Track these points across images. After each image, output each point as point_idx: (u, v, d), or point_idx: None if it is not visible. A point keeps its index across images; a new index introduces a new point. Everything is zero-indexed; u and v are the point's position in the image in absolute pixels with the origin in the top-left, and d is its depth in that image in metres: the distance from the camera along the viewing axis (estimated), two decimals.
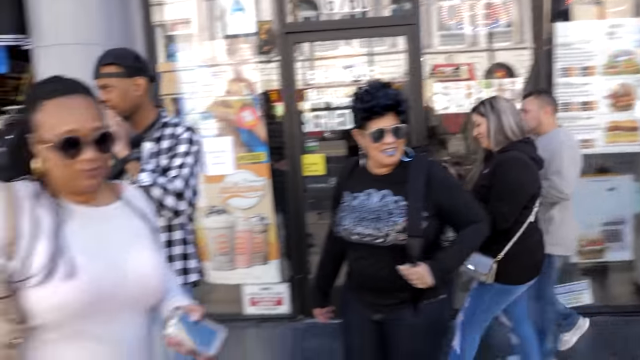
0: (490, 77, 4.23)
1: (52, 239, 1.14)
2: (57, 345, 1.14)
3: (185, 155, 2.07)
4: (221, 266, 4.08)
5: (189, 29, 4.13)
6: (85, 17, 3.48)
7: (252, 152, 4.00)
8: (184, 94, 4.08)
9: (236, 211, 4.04)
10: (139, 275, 1.24)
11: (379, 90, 1.84)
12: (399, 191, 1.89)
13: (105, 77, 2.05)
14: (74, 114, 1.16)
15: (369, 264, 1.93)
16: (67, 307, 1.11)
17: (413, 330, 1.94)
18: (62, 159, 1.15)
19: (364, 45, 4.17)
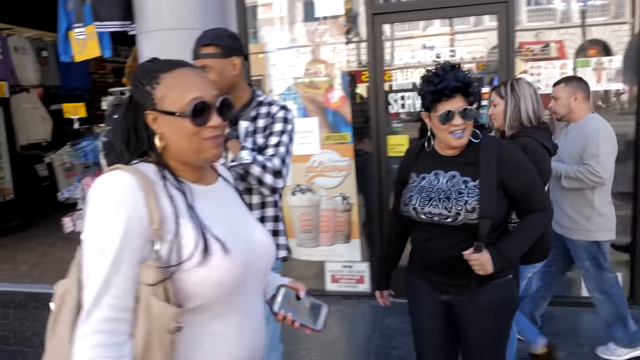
0: (583, 55, 3.98)
1: (192, 218, 1.13)
2: (203, 323, 1.14)
3: (281, 134, 2.09)
4: (304, 243, 4.23)
5: (277, 11, 4.23)
6: (185, 3, 3.67)
7: (338, 132, 4.08)
8: (271, 75, 4.20)
9: (320, 190, 4.15)
10: (264, 247, 1.28)
11: (448, 73, 1.82)
12: (467, 172, 1.89)
13: (204, 58, 2.05)
14: (196, 82, 1.16)
15: (437, 244, 1.92)
16: (225, 284, 1.12)
17: (482, 311, 1.94)
18: (192, 127, 1.13)
19: (450, 24, 4.07)
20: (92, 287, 1.02)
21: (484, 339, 1.98)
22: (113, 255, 1.02)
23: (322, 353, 3.40)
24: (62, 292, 1.13)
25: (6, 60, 7.60)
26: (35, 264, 5.81)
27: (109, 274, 1.01)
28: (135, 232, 1.04)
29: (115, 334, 1.01)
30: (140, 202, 1.06)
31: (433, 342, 2.08)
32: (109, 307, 1.01)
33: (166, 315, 1.03)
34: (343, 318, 3.92)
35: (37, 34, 8.32)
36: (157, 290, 1.03)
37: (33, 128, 8.11)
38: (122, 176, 1.08)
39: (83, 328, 1.01)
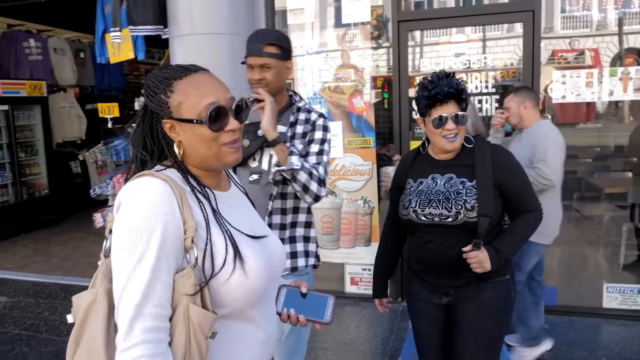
0: (619, 63, 3.94)
1: (220, 224, 1.13)
2: (234, 328, 1.15)
3: (322, 143, 2.08)
4: (325, 245, 4.29)
5: (306, 17, 4.32)
6: (216, 9, 3.79)
7: (361, 137, 4.14)
8: (298, 79, 4.29)
9: (342, 193, 4.22)
10: (280, 252, 1.30)
11: (441, 80, 1.92)
12: (463, 174, 1.97)
13: (267, 57, 2.02)
14: (211, 86, 1.14)
15: (438, 245, 1.97)
16: (257, 290, 1.13)
17: (480, 310, 1.98)
18: (210, 133, 1.12)
19: (478, 31, 4.09)
20: (132, 297, 1.00)
21: (478, 339, 2.01)
22: (152, 264, 1.00)
23: (339, 353, 3.45)
24: (87, 304, 1.08)
25: (46, 60, 7.90)
26: (67, 257, 6.03)
27: (149, 282, 1.00)
28: (171, 240, 1.03)
29: (160, 343, 1.01)
30: (176, 209, 1.05)
31: (435, 347, 2.13)
32: (151, 317, 1.00)
33: (204, 322, 1.03)
34: (361, 320, 3.97)
35: (75, 36, 8.62)
36: (195, 298, 1.04)
37: (69, 126, 8.40)
38: (154, 183, 1.06)
39: (128, 340, 0.99)
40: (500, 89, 3.92)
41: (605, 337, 3.57)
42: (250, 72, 2.05)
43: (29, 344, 3.73)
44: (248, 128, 2.07)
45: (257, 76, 2.02)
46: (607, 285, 3.88)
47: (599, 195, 5.51)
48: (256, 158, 2.10)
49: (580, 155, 6.55)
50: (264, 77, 2.02)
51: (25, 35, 7.68)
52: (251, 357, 1.19)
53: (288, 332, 2.07)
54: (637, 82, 3.67)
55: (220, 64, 3.72)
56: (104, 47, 4.73)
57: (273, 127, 1.97)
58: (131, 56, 4.47)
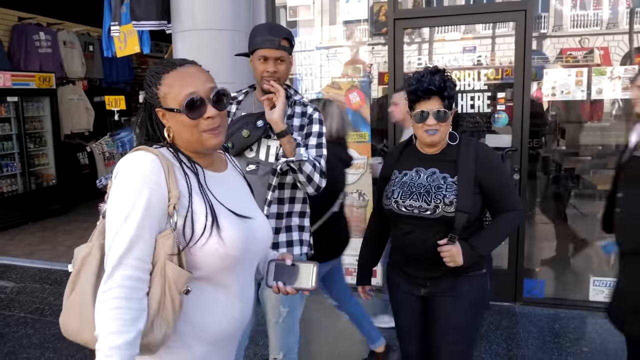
0: (629, 62, 3.99)
1: (204, 196, 1.26)
2: (208, 290, 1.27)
3: (320, 136, 2.15)
4: None
5: (305, 14, 4.42)
6: (217, 5, 3.91)
7: (357, 131, 4.25)
8: (295, 75, 4.40)
9: None
10: (263, 229, 1.41)
11: (426, 76, 1.98)
12: (446, 169, 2.03)
13: (283, 50, 2.06)
14: (192, 77, 1.28)
15: (416, 236, 2.02)
16: (231, 256, 1.25)
17: (457, 303, 2.04)
18: (189, 121, 1.26)
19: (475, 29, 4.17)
20: (116, 249, 1.14)
21: (456, 330, 2.06)
22: (137, 222, 1.15)
23: (330, 339, 3.58)
24: (84, 255, 1.24)
25: (55, 53, 8.06)
26: (73, 245, 6.09)
27: (132, 238, 1.14)
28: (156, 205, 1.18)
29: (135, 290, 1.14)
30: (162, 179, 1.20)
31: (415, 338, 2.20)
32: (131, 267, 1.14)
33: (179, 279, 1.18)
34: None
35: (84, 29, 8.77)
36: (173, 257, 1.18)
37: (77, 118, 8.56)
38: (146, 155, 1.22)
39: (107, 283, 1.13)
40: (493, 87, 4.02)
41: (590, 329, 3.67)
42: (263, 64, 2.07)
43: (34, 326, 3.89)
44: (248, 119, 2.14)
45: (272, 68, 2.06)
46: (593, 278, 3.98)
47: (595, 193, 5.59)
48: (253, 149, 2.15)
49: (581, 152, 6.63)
50: (278, 70, 2.07)
51: (35, 28, 7.84)
52: (223, 319, 1.31)
53: (284, 315, 2.18)
54: (624, 82, 3.75)
55: (221, 59, 3.85)
56: (110, 41, 4.86)
57: (282, 119, 2.01)
58: (137, 50, 4.61)
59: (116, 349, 1.09)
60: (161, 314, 1.18)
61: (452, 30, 4.17)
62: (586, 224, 5.51)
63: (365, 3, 4.19)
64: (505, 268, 4.06)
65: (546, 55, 4.47)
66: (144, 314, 1.15)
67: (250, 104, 2.23)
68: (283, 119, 2.02)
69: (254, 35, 2.12)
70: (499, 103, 3.97)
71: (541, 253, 4.55)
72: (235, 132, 2.12)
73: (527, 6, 3.73)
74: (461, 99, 4.01)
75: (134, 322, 1.12)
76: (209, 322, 1.29)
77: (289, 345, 2.26)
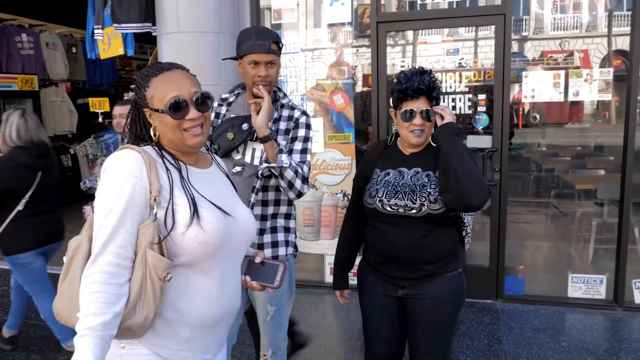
0: (608, 64, 4.09)
1: (185, 189, 1.36)
2: (189, 276, 1.36)
3: (306, 141, 2.15)
4: (306, 236, 4.46)
5: (289, 16, 4.47)
6: (201, 8, 3.94)
7: (341, 132, 4.31)
8: (282, 77, 4.45)
9: (323, 187, 4.39)
10: (245, 221, 1.50)
11: (415, 75, 1.99)
12: (428, 167, 2.05)
13: (273, 54, 2.08)
14: (177, 82, 1.38)
15: (399, 236, 2.02)
16: (209, 244, 1.33)
17: (436, 303, 2.05)
18: (172, 121, 1.36)
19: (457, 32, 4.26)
20: (99, 238, 1.24)
21: (436, 330, 2.10)
22: (119, 214, 1.25)
23: (315, 337, 3.62)
24: (75, 246, 1.35)
25: (38, 55, 7.99)
26: None
27: (114, 228, 1.24)
28: (137, 198, 1.28)
29: (116, 276, 1.23)
30: (144, 174, 1.30)
31: (383, 340, 2.20)
32: (113, 254, 1.23)
33: (159, 265, 1.26)
34: (339, 308, 4.13)
35: (67, 31, 8.70)
36: (153, 245, 1.27)
37: (60, 120, 8.49)
38: (130, 153, 1.32)
39: (90, 269, 1.23)
40: (474, 89, 4.11)
41: (568, 324, 3.76)
42: (255, 68, 2.07)
43: (18, 329, 3.87)
44: (233, 121, 2.17)
45: (263, 72, 2.06)
46: (572, 275, 4.08)
47: (574, 193, 5.73)
48: (239, 151, 2.16)
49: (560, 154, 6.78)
50: (269, 74, 2.08)
51: (17, 29, 7.77)
52: (206, 305, 1.39)
53: (272, 313, 2.23)
54: (601, 84, 3.86)
55: (205, 62, 3.88)
56: (94, 43, 4.86)
57: (266, 125, 2.02)
58: (121, 52, 4.61)
59: (91, 329, 1.17)
60: (143, 299, 1.26)
61: (434, 32, 4.25)
62: (565, 222, 5.65)
63: (349, 6, 4.25)
64: (486, 266, 4.14)
65: (527, 58, 4.59)
66: (122, 299, 1.23)
67: (239, 106, 2.25)
68: (267, 125, 2.03)
69: (243, 39, 2.12)
70: (479, 104, 4.05)
71: (521, 251, 4.65)
72: (221, 134, 2.15)
73: (506, 10, 3.83)
74: (443, 100, 4.09)
75: (110, 306, 1.20)
76: (193, 309, 1.37)
77: (278, 342, 2.30)
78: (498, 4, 3.89)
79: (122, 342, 1.35)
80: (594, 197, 5.09)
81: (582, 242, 4.97)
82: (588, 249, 4.72)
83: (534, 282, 4.33)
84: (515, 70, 4.04)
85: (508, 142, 4.06)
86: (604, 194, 4.75)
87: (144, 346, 1.35)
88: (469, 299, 4.10)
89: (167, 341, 1.36)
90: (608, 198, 4.72)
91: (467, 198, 1.88)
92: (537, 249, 4.92)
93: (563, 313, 3.93)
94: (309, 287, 4.51)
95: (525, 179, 6.34)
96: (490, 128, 4.04)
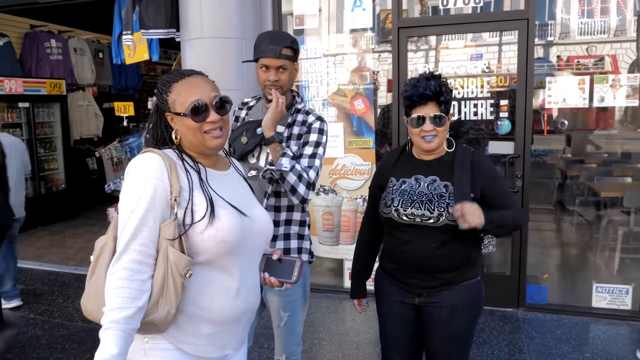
0: (637, 69, 4.01)
1: (204, 190, 1.42)
2: (209, 274, 1.42)
3: (317, 146, 2.12)
4: (325, 241, 4.46)
5: (311, 22, 4.49)
6: (224, 14, 3.99)
7: (361, 137, 4.31)
8: (301, 82, 4.47)
9: (343, 192, 4.39)
10: (262, 221, 1.56)
11: (422, 81, 1.95)
12: (446, 177, 2.00)
13: (285, 59, 2.07)
14: (198, 87, 1.45)
15: (416, 245, 1.99)
16: (227, 242, 1.39)
17: (454, 312, 2.02)
18: (193, 124, 1.42)
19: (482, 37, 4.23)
20: (123, 237, 1.31)
21: (453, 339, 2.07)
22: (141, 214, 1.31)
23: (333, 343, 3.62)
24: (101, 245, 1.41)
25: (66, 60, 8.19)
26: (80, 249, 6.28)
27: (137, 227, 1.30)
28: (159, 198, 1.34)
29: (139, 272, 1.29)
30: (164, 175, 1.36)
31: (400, 348, 2.17)
32: (136, 252, 1.30)
33: (179, 263, 1.32)
34: (357, 313, 4.07)
35: (94, 37, 8.91)
36: (174, 243, 1.33)
37: (86, 124, 8.68)
38: (152, 156, 1.39)
39: (115, 266, 1.29)
40: (496, 94, 4.07)
41: (592, 334, 3.68)
42: (265, 72, 2.09)
43: (43, 327, 3.96)
44: (248, 125, 2.18)
45: (273, 77, 2.08)
46: (596, 285, 4.00)
47: (599, 200, 5.61)
48: (255, 155, 2.17)
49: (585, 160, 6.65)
50: (279, 79, 2.08)
51: (46, 35, 7.98)
52: (226, 302, 1.45)
53: (286, 319, 2.23)
54: (628, 90, 3.78)
55: (227, 67, 3.92)
56: (120, 49, 4.96)
57: (271, 127, 2.03)
58: (146, 57, 4.70)
59: (115, 322, 1.23)
60: (165, 295, 1.32)
61: (456, 38, 4.22)
62: (590, 231, 5.53)
63: (371, 12, 4.25)
64: (508, 274, 4.08)
65: (552, 63, 4.52)
66: (145, 294, 1.29)
67: (258, 110, 2.26)
68: (272, 126, 2.03)
69: (257, 43, 2.14)
70: (502, 110, 4.01)
71: (544, 259, 4.57)
72: (236, 138, 2.17)
73: (529, 15, 3.79)
74: (464, 106, 4.06)
75: (133, 300, 1.26)
76: (214, 305, 1.43)
77: (291, 347, 2.30)
78: (521, 9, 3.86)
79: (146, 337, 1.40)
80: (620, 205, 4.98)
81: (607, 251, 4.85)
82: (614, 258, 4.61)
83: (557, 291, 4.26)
84: (540, 76, 3.98)
85: (530, 149, 4.01)
86: (630, 202, 4.64)
87: (167, 341, 1.41)
88: (490, 307, 4.05)
89: (188, 336, 1.42)
90: (635, 206, 4.61)
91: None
92: (561, 257, 4.83)
93: (587, 323, 3.85)
94: (327, 292, 4.51)
95: (549, 185, 6.24)
96: (513, 134, 4.00)
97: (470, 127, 4.07)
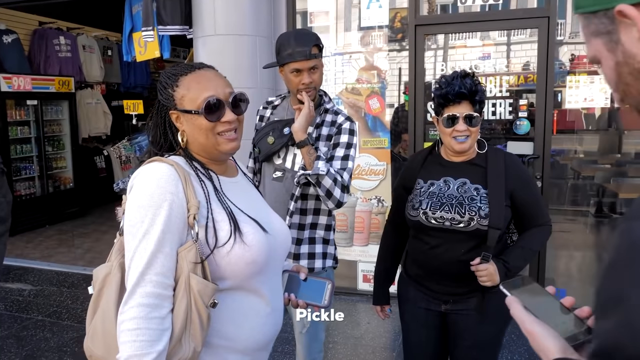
0: None
1: (222, 203, 1.23)
2: (237, 300, 1.24)
3: (349, 147, 2.04)
4: (339, 242, 4.38)
5: (326, 20, 4.42)
6: (238, 11, 3.93)
7: (376, 137, 4.23)
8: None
9: (357, 192, 4.31)
10: (282, 233, 1.38)
11: (455, 79, 1.87)
12: (477, 180, 1.92)
13: (315, 58, 2.00)
14: (210, 81, 1.25)
15: (444, 250, 1.91)
16: (257, 262, 1.22)
17: (482, 320, 1.94)
18: (206, 123, 1.22)
19: (498, 35, 4.15)
20: (136, 267, 1.10)
21: (480, 348, 1.99)
22: (157, 238, 1.11)
23: (348, 347, 3.55)
24: (104, 275, 1.21)
25: (75, 57, 8.15)
26: (89, 248, 6.23)
27: (152, 253, 1.10)
28: (175, 217, 1.13)
29: (157, 308, 1.09)
30: (179, 189, 1.15)
31: (426, 354, 2.09)
32: (152, 284, 1.10)
33: (204, 292, 1.13)
34: (372, 316, 4.04)
35: (103, 34, 8.86)
36: (197, 269, 1.13)
37: (94, 122, 8.63)
38: (162, 167, 1.17)
39: (129, 302, 1.09)
40: (514, 93, 3.98)
41: None
42: (297, 76, 2.01)
43: (51, 329, 3.91)
44: (275, 125, 2.10)
45: (307, 80, 2.00)
46: None
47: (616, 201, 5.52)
48: (280, 155, 2.10)
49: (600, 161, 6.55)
50: (313, 80, 2.01)
51: (55, 32, 7.93)
52: (257, 327, 1.27)
53: (308, 325, 2.16)
54: None
55: (241, 64, 3.86)
56: (130, 46, 4.90)
57: (303, 129, 1.96)
58: (157, 55, 4.63)
59: None
60: (189, 330, 1.13)
61: (473, 36, 4.14)
62: (609, 232, 5.43)
63: (387, 9, 4.16)
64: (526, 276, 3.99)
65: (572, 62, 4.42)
66: (165, 334, 1.10)
67: (284, 109, 2.19)
68: (304, 130, 1.96)
69: (282, 46, 2.04)
70: (521, 110, 3.92)
71: (563, 262, 4.48)
72: (262, 138, 2.10)
73: (550, 12, 3.69)
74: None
75: (153, 344, 1.07)
76: (243, 332, 1.25)
77: (313, 354, 2.24)
78: (542, 7, 3.76)
79: None
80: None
81: None
82: None
83: (575, 294, 4.15)
84: (560, 75, 3.90)
85: (550, 149, 3.92)
86: None
87: None
88: None
89: None
90: None
91: None
92: (579, 259, 4.74)
93: None
94: (341, 294, 4.43)
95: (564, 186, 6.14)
96: (532, 134, 3.91)
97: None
